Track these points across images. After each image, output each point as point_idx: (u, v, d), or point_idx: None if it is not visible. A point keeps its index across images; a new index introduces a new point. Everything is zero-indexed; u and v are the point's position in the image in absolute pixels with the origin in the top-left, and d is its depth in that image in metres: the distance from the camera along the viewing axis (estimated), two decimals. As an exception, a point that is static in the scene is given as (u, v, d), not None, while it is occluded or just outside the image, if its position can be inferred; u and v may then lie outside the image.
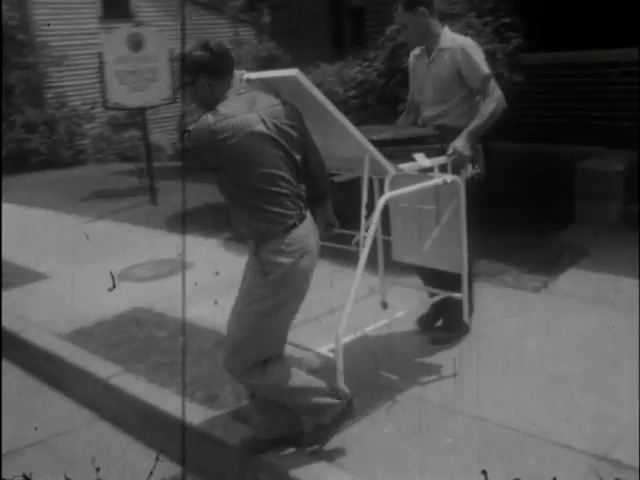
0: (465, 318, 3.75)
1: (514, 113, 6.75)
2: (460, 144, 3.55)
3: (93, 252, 6.41)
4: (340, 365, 3.02)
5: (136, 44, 8.16)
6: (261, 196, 2.77)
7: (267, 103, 2.82)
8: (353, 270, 3.11)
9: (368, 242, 3.11)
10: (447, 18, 5.54)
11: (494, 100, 3.67)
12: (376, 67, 6.02)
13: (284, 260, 2.77)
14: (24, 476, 2.81)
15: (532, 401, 3.37)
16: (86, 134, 13.23)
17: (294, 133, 2.83)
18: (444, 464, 2.94)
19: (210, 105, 2.78)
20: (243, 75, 2.93)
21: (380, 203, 3.18)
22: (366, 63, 6.20)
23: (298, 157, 2.86)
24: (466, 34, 5.35)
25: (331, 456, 3.06)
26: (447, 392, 3.48)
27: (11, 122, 12.46)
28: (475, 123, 3.63)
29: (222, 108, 2.74)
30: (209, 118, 2.72)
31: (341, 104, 6.01)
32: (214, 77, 2.80)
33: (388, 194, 3.21)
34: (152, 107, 8.57)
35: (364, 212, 3.11)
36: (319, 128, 3.06)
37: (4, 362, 4.70)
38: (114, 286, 4.66)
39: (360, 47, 7.17)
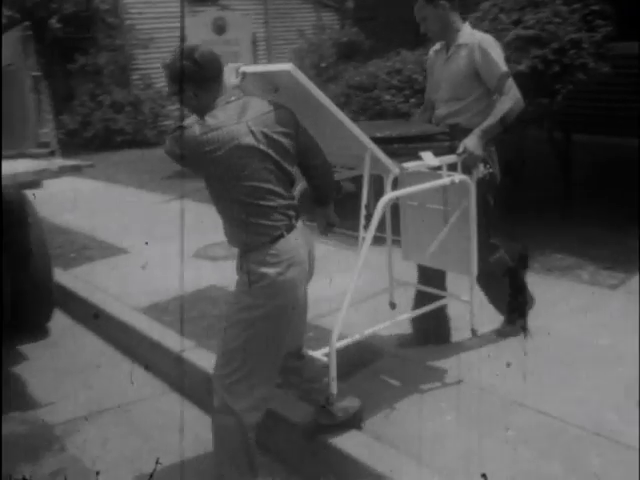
0: (473, 325, 3.58)
1: (600, 105, 6.60)
2: (471, 143, 3.39)
3: (172, 230, 6.60)
4: (333, 371, 2.93)
5: (220, 28, 8.31)
6: (247, 209, 2.69)
7: (258, 111, 2.70)
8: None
9: (366, 245, 3.00)
10: (531, 6, 5.43)
11: (510, 99, 3.51)
12: (457, 55, 5.96)
13: (269, 271, 2.68)
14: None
15: (600, 400, 3.31)
16: (169, 115, 13.56)
17: (287, 141, 2.73)
18: (504, 455, 2.94)
19: (200, 113, 2.70)
20: (240, 68, 2.85)
21: (381, 204, 3.03)
22: (447, 50, 6.13)
23: (290, 167, 2.76)
24: (550, 22, 5.26)
25: (393, 440, 3.10)
26: (512, 385, 3.45)
27: (99, 102, 12.90)
28: (488, 122, 3.48)
29: (209, 118, 2.65)
30: (196, 129, 2.64)
31: (420, 92, 5.99)
32: (199, 87, 2.70)
33: (389, 195, 3.10)
34: (233, 90, 8.71)
35: (363, 212, 3.00)
36: (318, 124, 2.96)
37: (85, 330, 4.95)
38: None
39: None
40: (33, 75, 4.06)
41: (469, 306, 3.58)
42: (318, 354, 3.08)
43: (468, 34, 3.66)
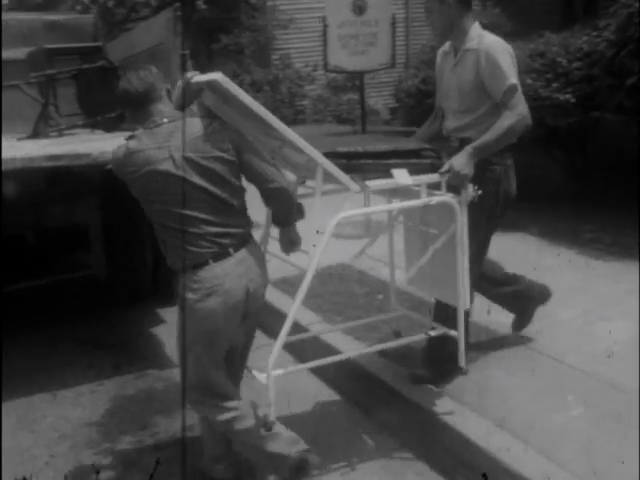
0: (461, 362, 3.20)
1: None
2: (459, 161, 3.02)
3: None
4: (271, 397, 2.74)
5: (359, 8, 8.29)
6: (168, 232, 2.68)
7: (187, 135, 2.61)
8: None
9: (312, 265, 2.76)
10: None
11: (514, 115, 3.10)
12: (606, 37, 5.67)
13: (189, 296, 2.64)
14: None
15: None
16: (306, 95, 13.77)
17: (222, 167, 2.63)
18: (633, 457, 2.83)
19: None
20: (192, 78, 2.71)
21: (332, 224, 2.74)
22: (595, 33, 5.86)
23: (227, 193, 2.66)
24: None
25: (515, 429, 3.06)
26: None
27: (240, 81, 13.31)
28: (484, 138, 3.10)
29: (134, 141, 2.66)
30: (120, 150, 2.68)
31: (563, 76, 5.78)
32: (130, 109, 2.75)
33: (341, 214, 2.77)
34: (371, 71, 8.72)
35: (317, 233, 2.74)
36: (268, 135, 2.83)
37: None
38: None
39: (591, 16, 6.78)
40: (181, 54, 4.26)
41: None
42: (262, 377, 2.85)
43: (476, 37, 3.25)
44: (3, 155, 3.57)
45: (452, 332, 3.21)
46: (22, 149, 4.06)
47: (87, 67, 5.27)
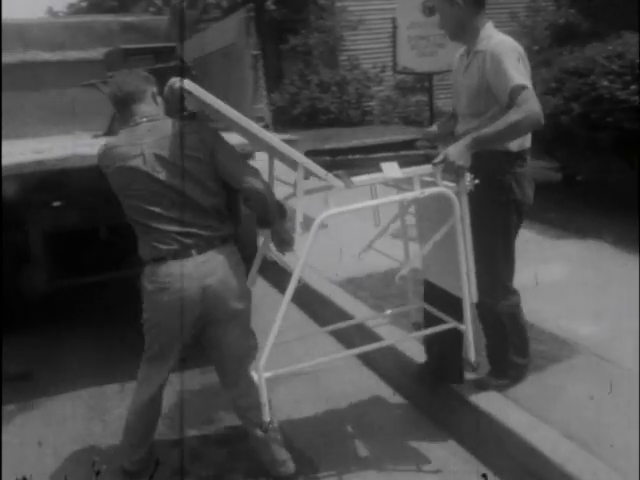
0: (471, 357, 3.10)
1: None
2: (454, 151, 2.88)
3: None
4: (263, 397, 2.77)
5: (429, 10, 8.22)
6: (135, 225, 2.85)
7: (161, 135, 2.75)
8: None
9: (299, 268, 2.76)
10: None
11: (522, 112, 2.88)
12: (689, 36, 5.49)
13: (147, 285, 2.82)
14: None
15: None
16: (374, 96, 13.75)
17: (195, 166, 2.75)
18: None
19: None
20: (175, 84, 2.74)
21: (316, 222, 2.72)
22: (678, 32, 5.67)
23: (197, 192, 2.76)
24: None
25: (582, 440, 2.98)
26: None
27: (307, 81, 13.40)
28: (486, 130, 2.93)
29: (113, 138, 2.88)
30: (102, 146, 2.87)
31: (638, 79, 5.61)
32: (116, 109, 2.94)
33: (326, 212, 2.77)
34: (440, 73, 8.63)
35: (299, 231, 2.78)
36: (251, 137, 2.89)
37: (282, 297, 5.19)
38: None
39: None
40: (253, 54, 4.31)
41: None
42: (256, 376, 2.87)
43: (486, 37, 3.11)
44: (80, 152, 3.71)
45: (461, 326, 3.12)
46: (98, 146, 4.17)
47: (161, 66, 5.38)
